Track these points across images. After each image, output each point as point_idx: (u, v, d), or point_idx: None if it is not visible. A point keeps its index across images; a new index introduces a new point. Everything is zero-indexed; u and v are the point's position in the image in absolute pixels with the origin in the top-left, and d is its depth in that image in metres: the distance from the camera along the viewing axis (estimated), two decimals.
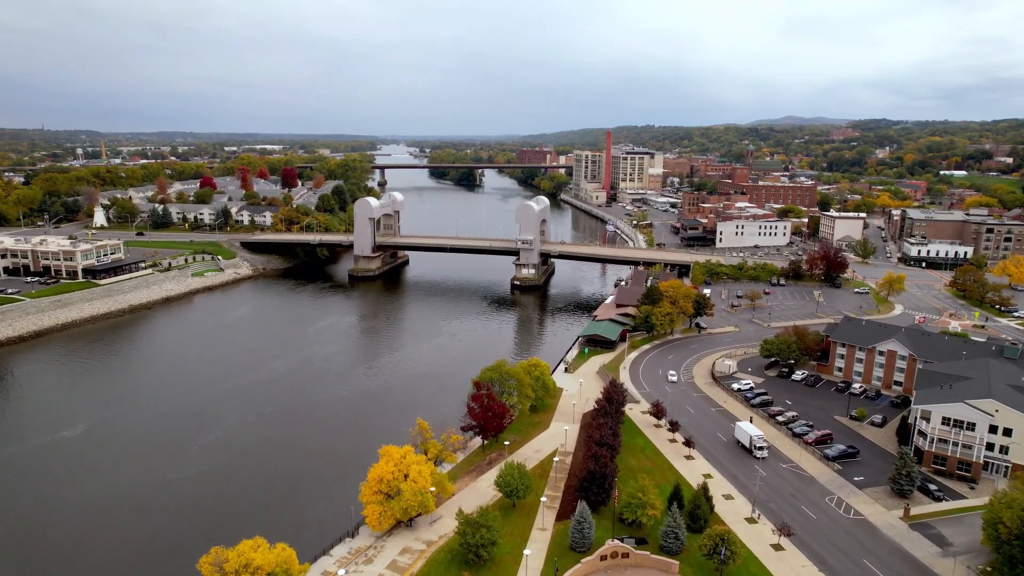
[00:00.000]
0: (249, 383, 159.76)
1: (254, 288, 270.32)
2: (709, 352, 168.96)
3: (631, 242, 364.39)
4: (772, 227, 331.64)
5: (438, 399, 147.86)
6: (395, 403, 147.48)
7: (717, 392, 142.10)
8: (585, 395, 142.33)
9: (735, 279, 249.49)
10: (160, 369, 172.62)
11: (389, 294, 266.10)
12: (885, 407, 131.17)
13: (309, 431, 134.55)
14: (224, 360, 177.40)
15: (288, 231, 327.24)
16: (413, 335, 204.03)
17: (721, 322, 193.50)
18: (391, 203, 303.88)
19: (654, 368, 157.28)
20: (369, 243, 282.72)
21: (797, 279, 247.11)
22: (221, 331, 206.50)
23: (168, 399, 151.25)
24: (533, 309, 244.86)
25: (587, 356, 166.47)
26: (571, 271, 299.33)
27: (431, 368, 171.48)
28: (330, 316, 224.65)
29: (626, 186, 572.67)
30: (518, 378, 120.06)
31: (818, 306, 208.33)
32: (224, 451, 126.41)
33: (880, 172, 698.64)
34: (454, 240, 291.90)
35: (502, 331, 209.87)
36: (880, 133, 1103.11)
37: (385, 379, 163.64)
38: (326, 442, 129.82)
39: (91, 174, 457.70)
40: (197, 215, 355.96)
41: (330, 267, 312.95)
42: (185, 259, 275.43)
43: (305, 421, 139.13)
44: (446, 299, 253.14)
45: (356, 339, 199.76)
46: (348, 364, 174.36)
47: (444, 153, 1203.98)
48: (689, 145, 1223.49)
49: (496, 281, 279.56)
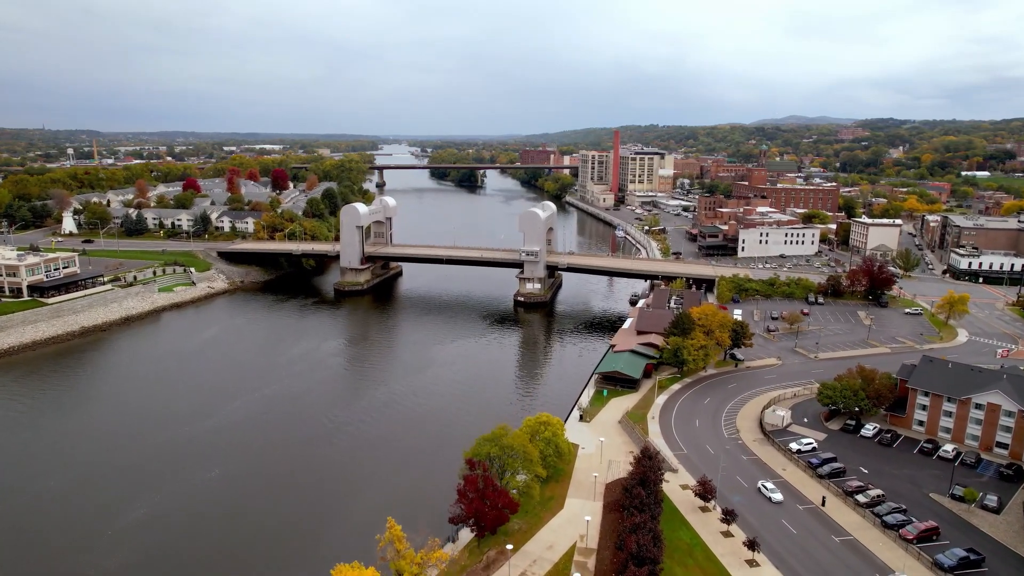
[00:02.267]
0: (198, 433, 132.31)
1: (229, 304, 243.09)
2: (752, 393, 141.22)
3: (644, 250, 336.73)
4: (799, 235, 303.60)
5: (423, 466, 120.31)
6: (365, 478, 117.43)
7: (772, 454, 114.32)
8: (607, 455, 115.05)
9: (766, 296, 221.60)
10: (96, 412, 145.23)
11: (378, 311, 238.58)
12: (992, 480, 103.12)
13: (254, 515, 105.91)
14: (174, 400, 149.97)
15: (271, 239, 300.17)
16: (401, 365, 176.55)
17: (759, 352, 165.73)
18: (382, 209, 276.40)
19: (689, 417, 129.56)
20: (357, 254, 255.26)
21: (836, 296, 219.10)
22: (180, 360, 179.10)
23: (95, 455, 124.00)
24: (539, 329, 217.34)
25: (606, 399, 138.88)
26: (579, 283, 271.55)
27: (418, 415, 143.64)
28: (308, 340, 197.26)
29: (635, 188, 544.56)
30: (524, 451, 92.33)
31: (869, 331, 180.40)
32: (147, 537, 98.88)
33: (899, 173, 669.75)
34: (451, 251, 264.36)
35: (504, 360, 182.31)
36: (891, 132, 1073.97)
37: (358, 435, 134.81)
38: (269, 539, 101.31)
39: (68, 175, 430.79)
40: (175, 221, 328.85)
41: (317, 279, 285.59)
42: (154, 272, 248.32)
43: (252, 497, 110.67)
44: (442, 317, 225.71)
45: (333, 372, 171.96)
46: (319, 408, 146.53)
47: (445, 153, 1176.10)
48: (695, 145, 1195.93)
49: (498, 296, 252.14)
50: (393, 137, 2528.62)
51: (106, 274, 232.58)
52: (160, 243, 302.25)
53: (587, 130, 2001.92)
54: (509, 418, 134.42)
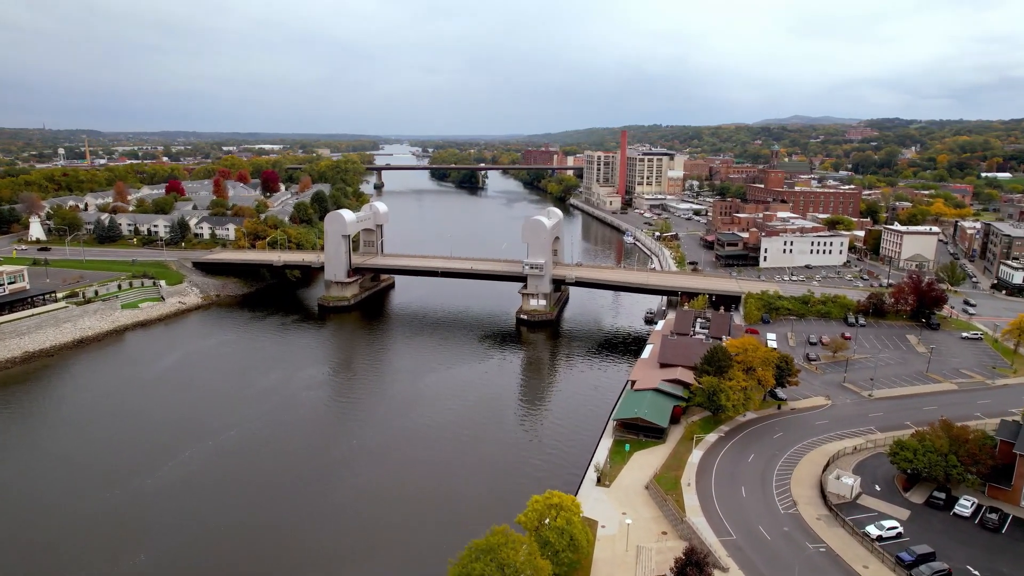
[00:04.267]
0: (128, 500, 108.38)
1: (202, 322, 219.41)
2: (804, 447, 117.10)
3: (656, 259, 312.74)
4: (826, 243, 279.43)
5: (399, 559, 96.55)
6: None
7: (845, 541, 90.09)
8: (634, 538, 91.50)
9: (799, 316, 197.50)
10: (10, 467, 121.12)
11: (366, 331, 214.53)
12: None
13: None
14: (111, 450, 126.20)
15: (253, 247, 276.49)
16: (385, 403, 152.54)
17: (803, 388, 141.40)
18: (372, 216, 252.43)
19: (732, 482, 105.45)
20: (343, 266, 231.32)
21: (878, 316, 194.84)
22: (131, 393, 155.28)
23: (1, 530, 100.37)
24: (545, 353, 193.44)
25: (627, 454, 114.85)
26: (587, 297, 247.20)
27: (400, 479, 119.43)
28: (283, 367, 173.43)
29: (643, 190, 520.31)
30: (532, 570, 68.29)
31: (928, 363, 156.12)
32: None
33: (915, 174, 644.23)
34: (448, 262, 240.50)
35: (505, 394, 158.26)
36: (900, 132, 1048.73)
37: (318, 509, 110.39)
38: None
39: (43, 177, 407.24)
40: (151, 227, 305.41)
41: (302, 292, 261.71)
42: (119, 285, 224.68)
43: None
44: (437, 338, 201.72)
45: (305, 412, 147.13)
46: (279, 466, 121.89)
47: (446, 153, 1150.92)
48: (699, 145, 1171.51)
49: (499, 312, 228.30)
50: (395, 137, 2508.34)
51: (62, 289, 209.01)
52: (133, 252, 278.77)
53: (590, 130, 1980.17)
54: (508, 484, 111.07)
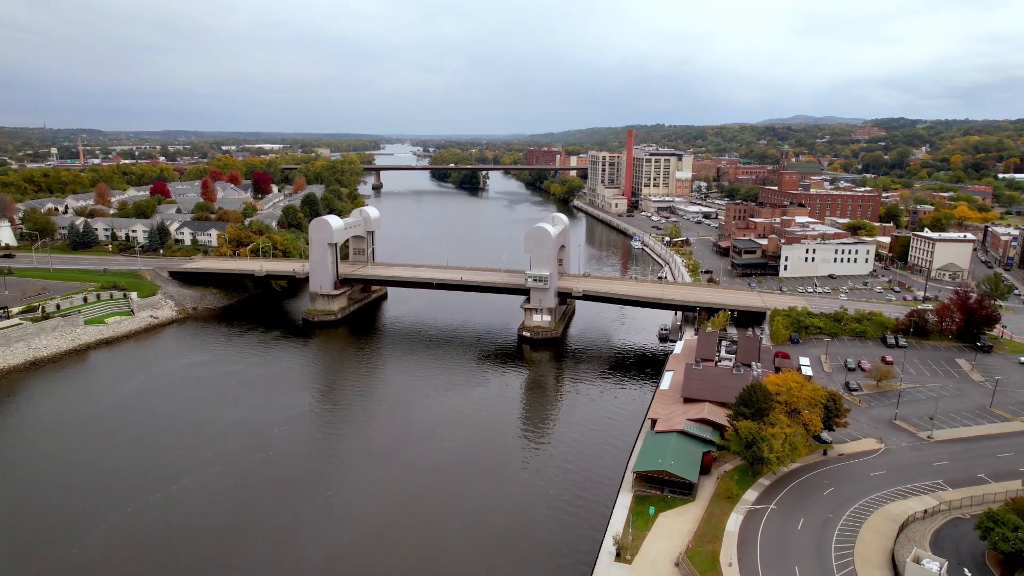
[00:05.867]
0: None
1: (175, 339, 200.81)
2: (862, 508, 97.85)
3: (666, 266, 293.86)
4: (851, 251, 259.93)
5: None
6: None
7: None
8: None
9: (831, 335, 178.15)
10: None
11: (354, 349, 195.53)
12: None
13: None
14: (40, 507, 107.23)
15: (236, 255, 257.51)
16: (367, 441, 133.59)
17: (850, 427, 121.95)
18: (362, 222, 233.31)
19: (782, 560, 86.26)
20: (329, 276, 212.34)
21: (920, 336, 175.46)
22: (73, 430, 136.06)
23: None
24: (550, 376, 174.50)
25: (651, 518, 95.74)
26: (595, 310, 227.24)
27: (379, 559, 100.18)
28: (256, 394, 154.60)
29: (649, 192, 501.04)
30: None
31: (992, 397, 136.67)
32: None
33: (930, 175, 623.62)
34: (444, 271, 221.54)
35: (506, 429, 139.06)
36: (908, 132, 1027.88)
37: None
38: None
39: (22, 178, 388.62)
40: (129, 232, 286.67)
41: (288, 303, 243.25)
42: (84, 298, 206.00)
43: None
44: (430, 359, 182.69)
45: (268, 459, 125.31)
46: (234, 529, 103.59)
47: (447, 153, 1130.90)
48: (703, 145, 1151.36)
49: (499, 327, 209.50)
50: (396, 137, 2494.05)
51: (19, 303, 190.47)
52: (107, 259, 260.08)
53: (592, 129, 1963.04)
54: (509, 556, 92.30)
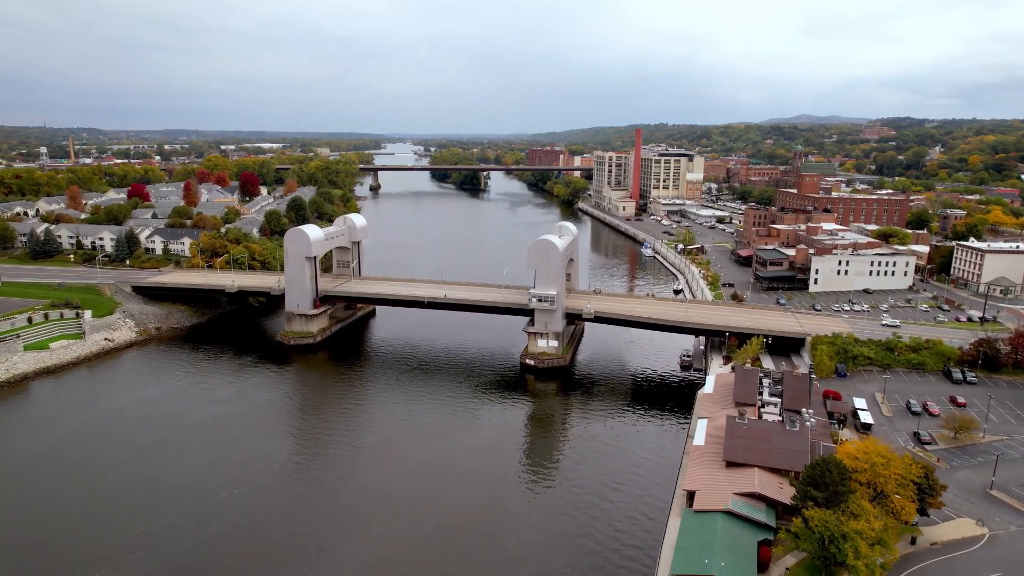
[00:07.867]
0: None
1: (133, 365, 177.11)
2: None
3: (681, 277, 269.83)
4: (888, 263, 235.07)
5: None
6: None
7: None
8: None
9: (882, 367, 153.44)
10: None
11: (332, 380, 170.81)
12: None
13: None
14: None
15: (210, 267, 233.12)
16: (338, 507, 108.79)
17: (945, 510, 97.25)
18: (346, 231, 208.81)
19: None
20: (307, 294, 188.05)
21: (991, 370, 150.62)
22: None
23: None
24: (558, 416, 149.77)
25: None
26: (605, 331, 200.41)
27: None
28: (213, 443, 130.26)
29: (659, 194, 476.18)
30: None
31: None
32: None
33: (950, 176, 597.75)
34: (438, 287, 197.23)
35: (504, 495, 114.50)
36: (918, 132, 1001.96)
37: None
38: None
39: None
40: (96, 240, 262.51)
41: (266, 320, 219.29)
42: (29, 318, 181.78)
43: None
44: (420, 392, 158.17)
45: (213, 536, 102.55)
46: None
47: (448, 153, 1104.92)
48: (709, 144, 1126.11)
49: (499, 351, 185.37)
50: (398, 136, 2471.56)
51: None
52: (67, 270, 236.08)
53: (595, 129, 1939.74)
54: None
